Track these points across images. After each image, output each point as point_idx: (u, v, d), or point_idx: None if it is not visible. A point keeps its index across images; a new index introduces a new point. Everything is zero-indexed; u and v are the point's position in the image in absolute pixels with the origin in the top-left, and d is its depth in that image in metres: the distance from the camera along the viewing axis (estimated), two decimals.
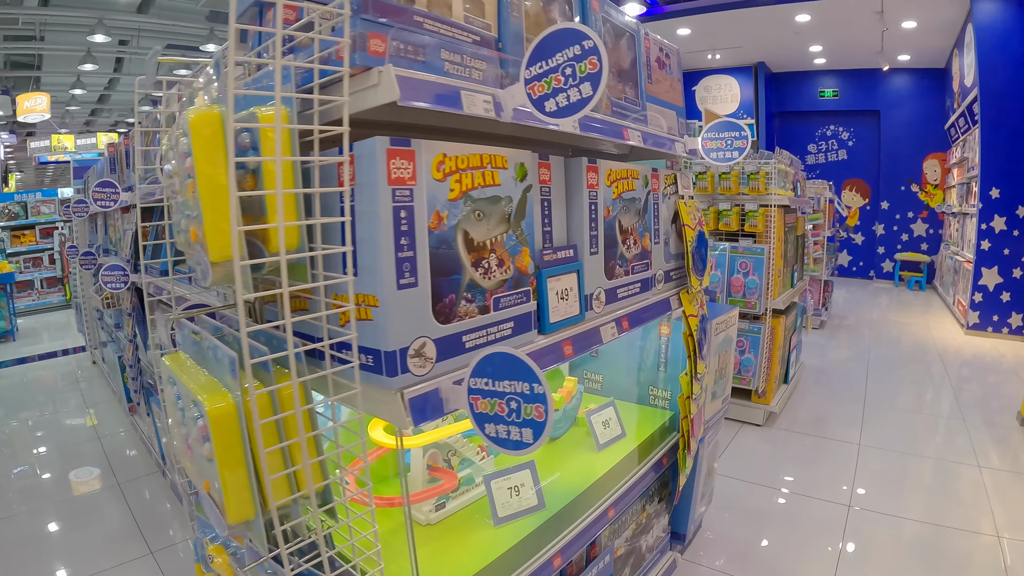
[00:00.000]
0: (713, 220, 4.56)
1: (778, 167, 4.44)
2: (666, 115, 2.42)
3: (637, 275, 2.17)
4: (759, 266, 4.37)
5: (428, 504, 1.91)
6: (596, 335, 1.86)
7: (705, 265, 2.57)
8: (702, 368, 2.51)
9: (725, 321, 2.86)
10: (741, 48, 11.36)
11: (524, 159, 1.57)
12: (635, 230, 2.14)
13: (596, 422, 2.56)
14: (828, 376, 6.01)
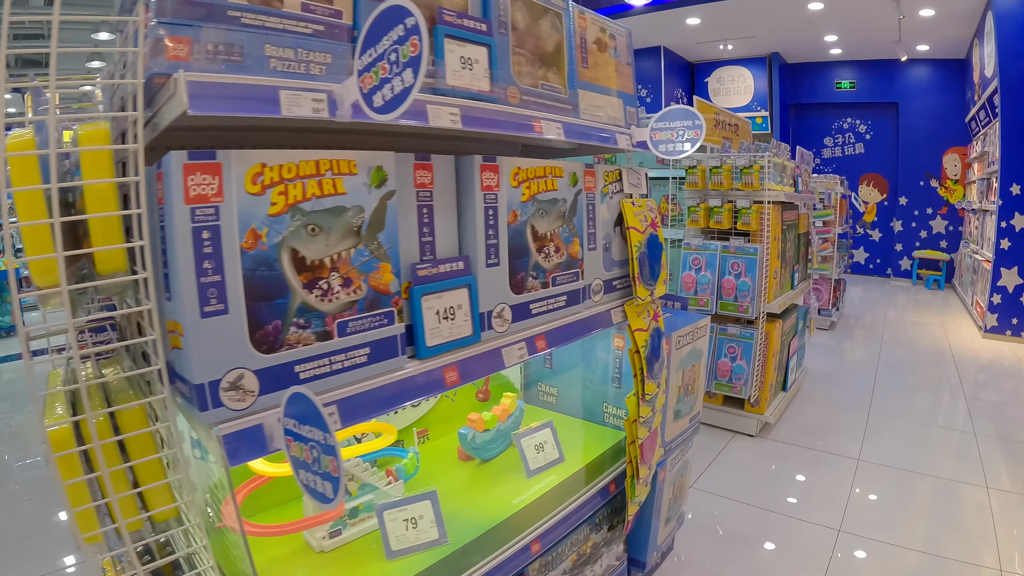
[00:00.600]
0: (704, 217, 4.25)
1: (773, 160, 4.11)
2: (609, 104, 2.14)
3: (561, 287, 1.91)
4: (752, 267, 4.05)
5: (322, 530, 1.76)
6: (496, 358, 1.63)
7: (657, 273, 2.28)
8: (652, 388, 2.23)
9: (691, 332, 2.57)
10: (754, 38, 10.95)
11: (382, 162, 1.35)
12: (557, 236, 1.88)
13: (527, 445, 2.30)
14: (832, 383, 5.66)
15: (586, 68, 2.03)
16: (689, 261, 4.27)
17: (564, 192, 1.89)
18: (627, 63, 2.27)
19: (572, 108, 1.94)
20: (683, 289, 4.29)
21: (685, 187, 4.34)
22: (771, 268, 4.17)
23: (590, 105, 2.04)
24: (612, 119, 2.15)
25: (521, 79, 1.74)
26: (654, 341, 2.24)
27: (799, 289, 4.93)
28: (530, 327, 1.80)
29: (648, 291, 2.22)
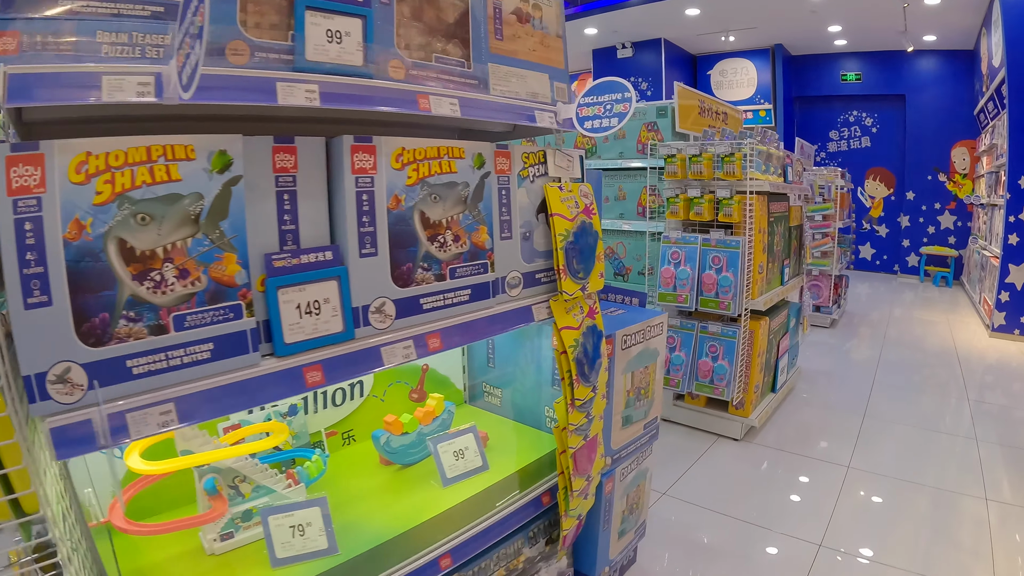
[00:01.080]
0: (683, 209, 3.98)
1: (758, 148, 3.83)
2: (531, 79, 1.91)
3: (463, 279, 1.72)
4: (733, 261, 3.78)
5: (213, 532, 1.70)
6: (373, 358, 1.48)
7: (590, 265, 2.04)
8: (584, 393, 1.98)
9: (642, 330, 2.33)
10: (756, 29, 10.63)
11: (226, 146, 1.24)
12: (456, 223, 1.69)
13: (445, 452, 2.11)
14: (828, 383, 5.37)
15: (500, 40, 1.82)
16: (668, 255, 4.01)
17: (465, 175, 1.70)
18: (556, 35, 2.03)
19: (478, 83, 1.74)
20: (661, 284, 4.02)
21: (665, 177, 4.07)
22: (755, 263, 3.89)
23: (504, 80, 1.83)
24: (533, 95, 1.92)
25: (411, 52, 1.57)
26: (589, 341, 2.01)
27: (790, 285, 4.65)
28: (421, 324, 1.61)
29: (578, 285, 1.98)
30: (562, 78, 2.05)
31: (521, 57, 1.89)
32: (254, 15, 1.27)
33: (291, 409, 2.11)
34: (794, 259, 4.89)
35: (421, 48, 1.60)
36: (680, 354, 4.04)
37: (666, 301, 4.01)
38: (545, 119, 1.95)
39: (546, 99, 1.98)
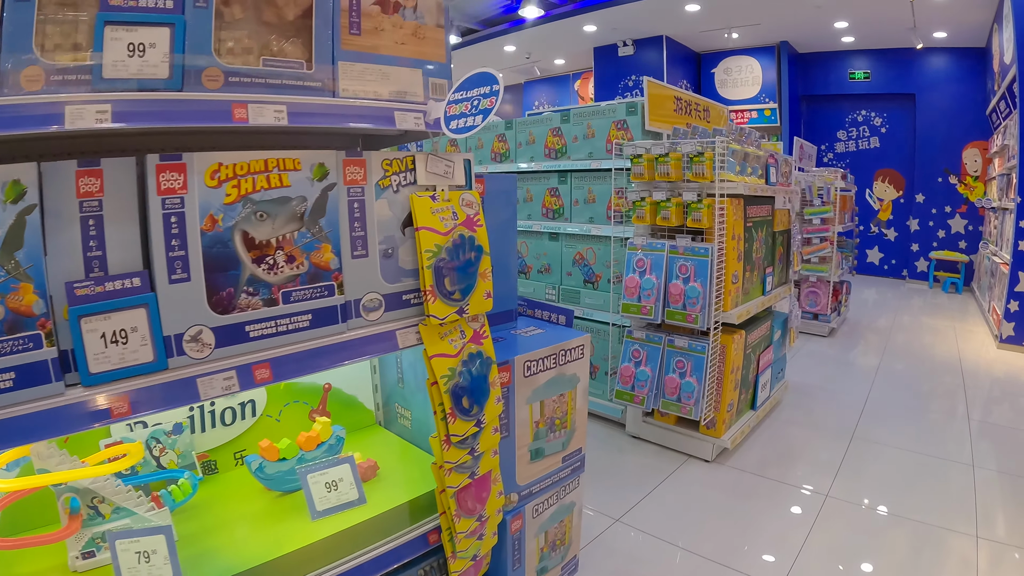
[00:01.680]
0: (650, 213, 3.64)
1: (731, 146, 3.49)
2: (397, 76, 1.69)
3: (301, 304, 1.54)
4: (702, 271, 3.44)
5: (75, 549, 1.65)
6: (188, 389, 1.37)
7: (470, 284, 1.74)
8: (463, 428, 1.70)
9: (555, 355, 2.03)
10: (760, 26, 10.22)
11: (20, 175, 1.18)
12: (290, 242, 1.52)
13: (316, 483, 1.90)
14: (817, 400, 5.00)
15: (357, 35, 1.61)
16: (633, 263, 3.67)
17: (302, 188, 1.53)
18: (435, 25, 1.76)
19: (321, 86, 1.56)
20: (625, 294, 3.69)
21: (631, 179, 3.73)
22: (728, 272, 3.54)
23: (358, 80, 1.62)
24: (398, 94, 1.69)
25: (235, 57, 1.44)
26: (472, 369, 1.72)
27: (773, 295, 4.29)
28: (249, 353, 1.46)
29: (452, 308, 1.70)
30: (441, 73, 1.80)
31: (385, 52, 1.67)
32: (54, 38, 1.22)
33: (176, 428, 2.00)
34: (780, 267, 4.53)
35: (249, 52, 1.46)
36: (645, 369, 3.70)
37: (630, 313, 3.68)
38: (408, 120, 1.69)
39: (417, 98, 1.73)
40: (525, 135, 4.79)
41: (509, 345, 2.08)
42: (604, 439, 4.18)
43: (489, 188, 2.15)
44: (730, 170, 3.51)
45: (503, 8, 11.22)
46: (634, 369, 3.76)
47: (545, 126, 4.62)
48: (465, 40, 11.88)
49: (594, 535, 3.03)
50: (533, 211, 4.81)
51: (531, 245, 4.83)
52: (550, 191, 4.63)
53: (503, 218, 2.24)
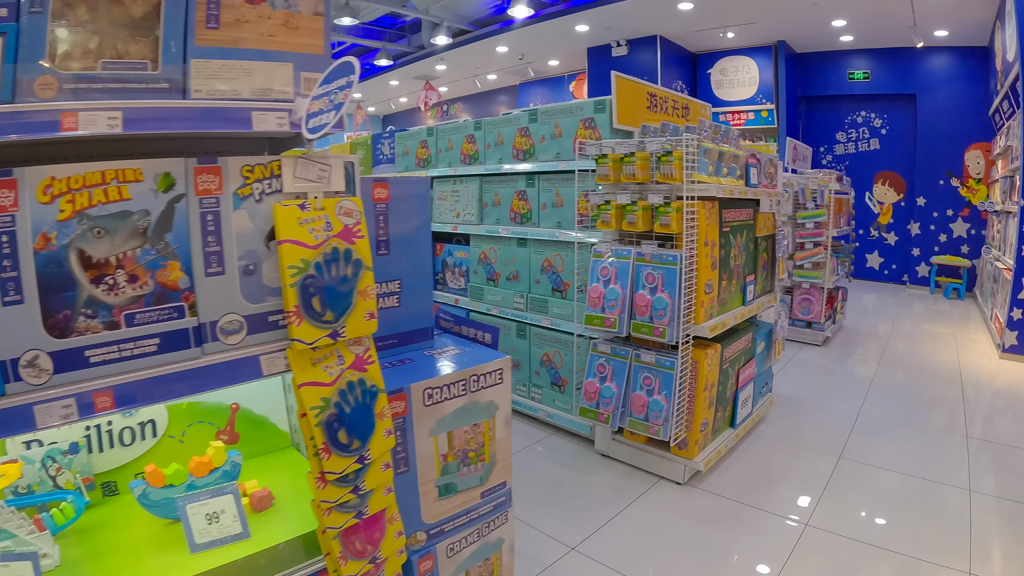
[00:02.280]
0: (616, 217, 3.34)
1: (704, 145, 3.19)
2: (261, 72, 1.50)
3: (146, 327, 1.38)
4: (670, 280, 3.14)
5: None
6: (25, 416, 1.25)
7: (345, 304, 1.47)
8: (340, 464, 1.46)
9: (464, 381, 1.77)
10: (756, 25, 9.90)
11: None
12: (132, 260, 1.36)
13: (195, 514, 1.73)
14: (804, 415, 4.69)
15: (215, 29, 1.43)
16: (597, 271, 3.38)
17: (144, 201, 1.37)
18: (313, 13, 1.55)
19: (169, 87, 1.40)
20: (588, 305, 3.40)
21: (596, 180, 3.44)
22: (700, 281, 3.24)
23: (214, 79, 1.44)
24: (262, 92, 1.49)
25: (73, 62, 1.31)
26: (352, 399, 1.47)
27: (755, 305, 3.99)
28: (90, 379, 1.31)
29: (323, 331, 1.44)
30: (318, 66, 1.55)
31: (248, 46, 1.48)
32: None
33: (72, 447, 1.88)
34: (763, 275, 4.23)
35: (90, 55, 1.32)
36: (611, 385, 3.41)
37: (593, 325, 3.38)
38: (269, 121, 1.47)
39: (286, 95, 1.51)
40: (494, 136, 4.51)
41: (411, 370, 1.80)
42: (572, 456, 3.88)
43: (395, 193, 1.87)
44: (702, 170, 3.21)
45: (494, 8, 10.95)
46: (599, 385, 3.46)
47: (513, 126, 4.33)
48: (457, 41, 11.61)
49: (544, 565, 2.74)
50: (501, 215, 4.52)
51: (499, 251, 4.54)
52: (518, 194, 4.34)
53: (413, 225, 1.96)
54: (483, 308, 4.71)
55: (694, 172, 3.13)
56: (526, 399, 4.44)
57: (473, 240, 4.79)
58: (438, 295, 5.20)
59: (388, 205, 1.87)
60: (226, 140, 1.81)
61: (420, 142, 5.36)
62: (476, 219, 4.75)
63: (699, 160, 3.17)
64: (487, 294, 4.67)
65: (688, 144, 3.07)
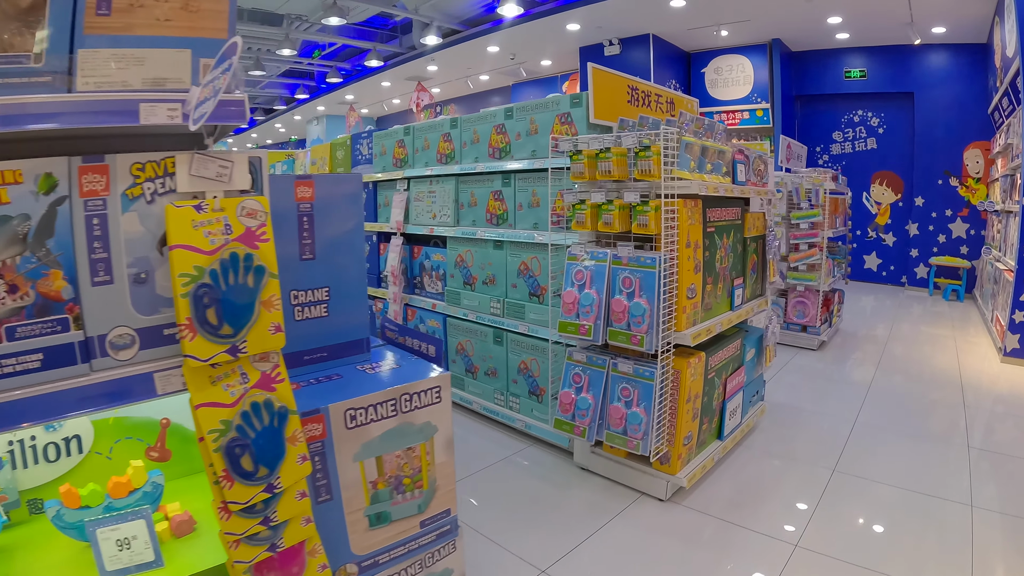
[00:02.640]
0: (591, 218, 3.12)
1: (685, 139, 2.97)
2: (155, 60, 1.33)
3: (30, 341, 1.26)
4: (648, 284, 2.92)
5: None
6: None
7: (246, 317, 1.28)
8: (245, 494, 1.27)
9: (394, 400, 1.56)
10: (750, 22, 9.69)
11: None
12: (12, 268, 1.24)
13: (106, 539, 1.60)
14: (798, 425, 4.46)
15: (106, 16, 1.29)
16: (572, 274, 3.16)
17: (24, 204, 1.25)
18: None
19: (53, 80, 1.26)
20: (563, 311, 3.17)
21: (571, 178, 3.22)
22: (682, 285, 3.02)
23: (101, 69, 1.31)
24: (155, 83, 1.33)
25: None
26: (258, 422, 1.27)
27: (744, 310, 3.76)
28: None
29: (220, 347, 1.25)
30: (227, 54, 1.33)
31: (142, 32, 1.32)
32: None
33: None
34: (753, 278, 4.00)
35: None
36: (587, 396, 3.19)
37: (567, 332, 3.16)
38: (160, 113, 1.31)
39: (182, 84, 1.35)
40: (470, 134, 4.30)
41: (336, 388, 1.59)
42: (549, 469, 3.66)
43: (322, 192, 1.65)
44: (683, 167, 2.99)
45: (484, 7, 10.75)
46: (575, 396, 3.24)
47: (489, 123, 4.12)
48: (447, 41, 11.40)
49: None
50: (478, 216, 4.30)
51: (475, 254, 4.32)
52: (494, 194, 4.12)
53: (344, 228, 1.74)
54: (460, 313, 4.49)
55: (675, 168, 2.91)
56: (504, 408, 4.22)
57: (450, 243, 4.57)
58: (415, 299, 4.98)
59: (314, 205, 1.66)
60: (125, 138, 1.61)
61: (397, 141, 5.14)
62: (452, 220, 4.53)
63: (680, 155, 2.95)
64: (464, 299, 4.44)
65: (667, 138, 2.85)
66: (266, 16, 11.40)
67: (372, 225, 5.53)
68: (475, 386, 4.51)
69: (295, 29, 11.58)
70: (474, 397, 4.49)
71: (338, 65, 14.22)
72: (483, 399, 4.43)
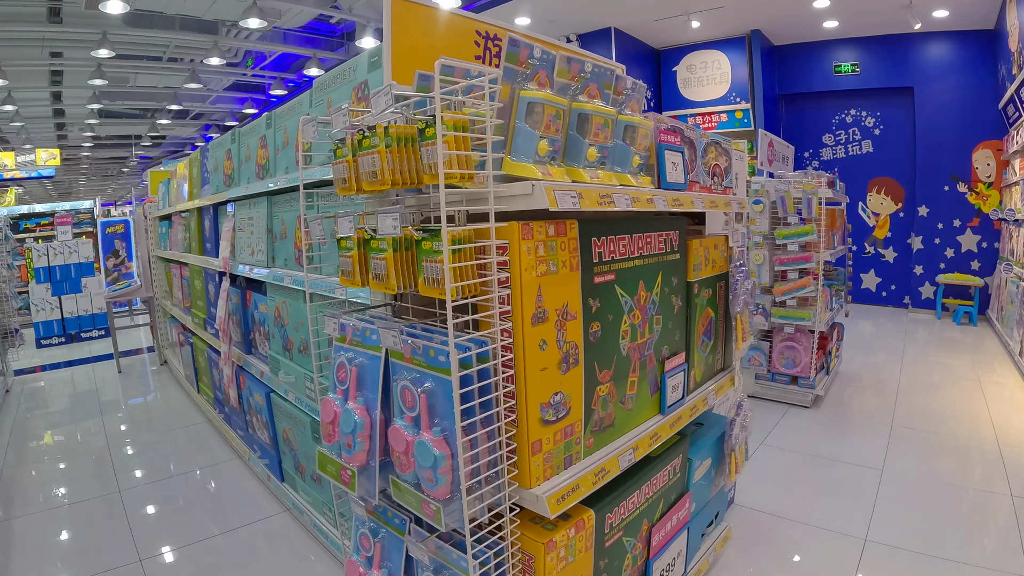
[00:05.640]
0: (359, 265, 1.55)
1: (530, 96, 1.41)
2: None
3: None
4: (447, 403, 1.34)
5: None
6: None
7: None
8: None
9: None
10: (724, 10, 8.15)
11: None
12: None
13: None
14: (778, 553, 2.86)
15: None
16: (334, 368, 1.59)
17: None
18: None
19: None
20: (323, 436, 1.66)
21: (338, 192, 1.64)
22: (532, 398, 1.45)
23: None
24: None
25: None
26: None
27: (687, 408, 2.20)
28: None
29: None
30: None
31: None
32: None
33: None
34: (709, 346, 2.43)
35: None
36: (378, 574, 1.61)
37: (327, 475, 1.59)
38: None
39: None
40: (243, 151, 2.82)
41: None
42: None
43: None
44: (524, 155, 1.42)
45: None
46: (364, 570, 1.66)
47: (256, 135, 2.65)
48: None
49: None
50: (289, 254, 2.76)
51: (290, 308, 2.77)
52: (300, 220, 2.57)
53: None
54: (281, 389, 2.94)
55: (508, 158, 1.34)
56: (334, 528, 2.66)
57: (268, 290, 3.02)
58: (250, 361, 3.43)
59: None
60: None
61: (226, 152, 3.62)
62: (266, 258, 2.98)
63: (517, 132, 1.39)
64: (283, 369, 2.88)
65: (482, 89, 1.29)
66: (200, 24, 9.95)
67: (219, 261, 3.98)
68: (305, 492, 2.96)
69: (226, 36, 10.11)
70: (306, 507, 2.93)
71: (285, 77, 12.74)
72: (314, 510, 2.87)
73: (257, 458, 3.52)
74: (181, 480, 3.72)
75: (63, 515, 3.32)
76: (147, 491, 3.58)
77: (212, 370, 4.15)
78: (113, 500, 3.47)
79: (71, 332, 8.54)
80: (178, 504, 3.41)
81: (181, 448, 4.25)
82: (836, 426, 4.46)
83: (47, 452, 4.32)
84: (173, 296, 5.80)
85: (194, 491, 3.56)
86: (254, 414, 3.37)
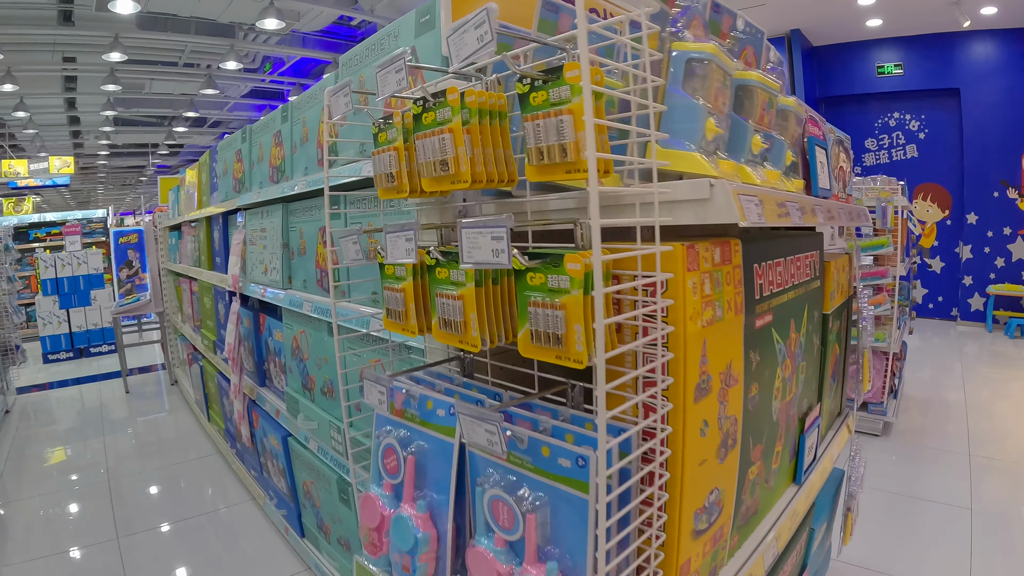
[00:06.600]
0: (414, 306, 1.04)
1: (679, 48, 0.89)
2: None
3: None
4: (579, 517, 0.81)
5: None
6: None
7: None
8: None
9: None
10: (764, 7, 7.62)
11: None
12: None
13: None
14: None
15: None
16: (379, 454, 1.07)
17: None
18: None
19: None
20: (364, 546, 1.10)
21: (380, 195, 1.13)
22: (687, 504, 0.92)
23: None
24: None
25: None
26: None
27: (816, 474, 1.66)
28: None
29: None
30: None
31: None
32: None
33: None
34: (833, 389, 1.90)
35: None
36: None
37: None
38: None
39: None
40: (255, 150, 2.33)
41: None
42: None
43: None
44: (687, 137, 0.90)
45: None
46: None
47: (269, 132, 2.15)
48: None
49: None
50: (309, 274, 2.24)
51: (311, 338, 2.25)
52: (322, 231, 2.07)
53: None
54: (301, 435, 2.42)
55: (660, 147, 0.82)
56: None
57: (284, 316, 2.51)
58: (264, 395, 2.92)
59: None
60: None
61: (236, 152, 3.13)
62: (281, 278, 2.47)
63: (673, 100, 0.87)
64: (303, 412, 2.37)
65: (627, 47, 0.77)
66: (215, 27, 9.54)
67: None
68: (330, 555, 2.44)
69: (243, 40, 9.69)
70: (331, 571, 2.40)
71: (304, 83, 12.32)
72: None
73: (274, 506, 3.01)
74: (189, 526, 3.21)
75: (52, 568, 2.83)
76: (150, 539, 3.08)
77: (223, 399, 3.64)
78: (109, 550, 2.97)
79: (79, 347, 8.09)
80: (186, 556, 2.90)
81: (189, 485, 3.75)
82: (912, 457, 3.92)
83: (41, 489, 3.83)
84: (183, 312, 5.32)
85: (204, 540, 3.05)
86: (269, 458, 2.86)
